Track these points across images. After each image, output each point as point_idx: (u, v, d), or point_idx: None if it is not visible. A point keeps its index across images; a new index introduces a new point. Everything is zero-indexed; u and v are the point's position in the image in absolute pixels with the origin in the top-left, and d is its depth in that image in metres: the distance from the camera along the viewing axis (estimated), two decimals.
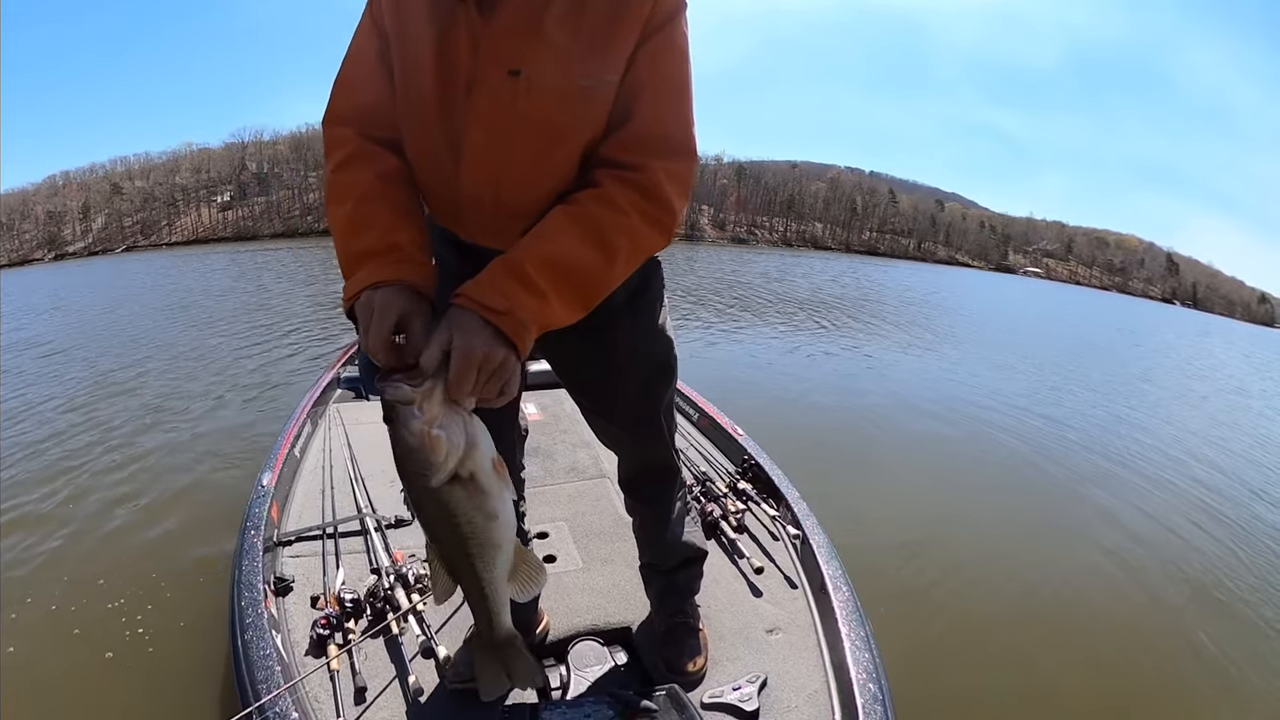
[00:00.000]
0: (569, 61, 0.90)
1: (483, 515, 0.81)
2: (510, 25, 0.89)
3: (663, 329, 1.30)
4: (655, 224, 0.94)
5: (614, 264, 0.91)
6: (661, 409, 1.38)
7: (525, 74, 0.90)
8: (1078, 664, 2.38)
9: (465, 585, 0.88)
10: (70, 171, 65.50)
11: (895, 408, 5.75)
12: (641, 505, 1.52)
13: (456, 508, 0.80)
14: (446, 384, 0.77)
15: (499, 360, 0.80)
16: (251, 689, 1.33)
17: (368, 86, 0.99)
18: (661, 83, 0.94)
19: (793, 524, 2.01)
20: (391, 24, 0.96)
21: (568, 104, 0.91)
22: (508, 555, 0.87)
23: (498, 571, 0.86)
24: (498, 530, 0.84)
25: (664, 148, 0.94)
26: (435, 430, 0.76)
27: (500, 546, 0.85)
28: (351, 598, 1.62)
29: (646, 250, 0.96)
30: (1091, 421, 6.09)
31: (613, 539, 2.02)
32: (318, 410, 3.07)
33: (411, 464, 0.77)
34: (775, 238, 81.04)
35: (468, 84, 0.92)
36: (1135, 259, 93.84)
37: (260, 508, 1.94)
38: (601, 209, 0.91)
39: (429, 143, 0.98)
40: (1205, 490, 4.48)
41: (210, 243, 57.50)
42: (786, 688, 1.45)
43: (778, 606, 1.73)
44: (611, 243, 0.90)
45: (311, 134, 70.03)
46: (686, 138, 0.96)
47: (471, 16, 0.89)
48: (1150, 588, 3.00)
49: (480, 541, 0.83)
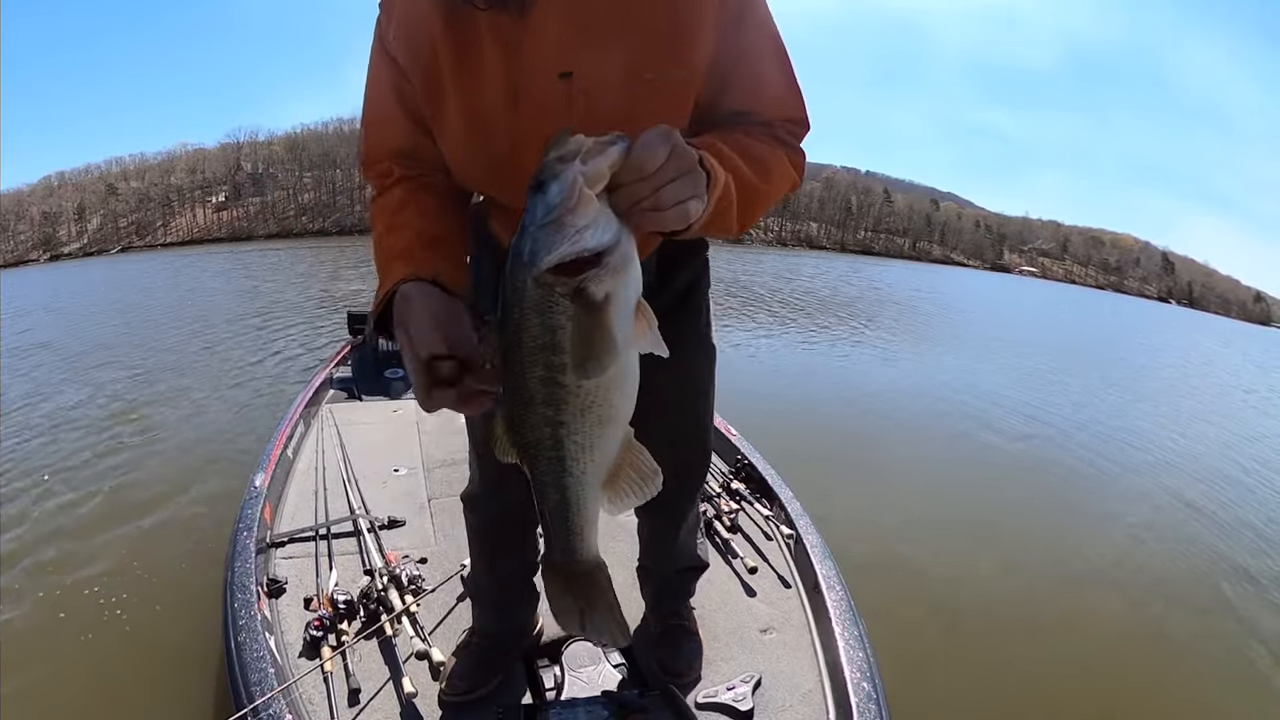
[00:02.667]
0: (628, 55, 0.80)
1: (589, 368, 0.57)
2: (551, 23, 0.80)
3: (709, 329, 1.25)
4: (794, 164, 0.88)
5: (769, 181, 0.81)
6: (709, 403, 1.32)
7: (577, 75, 0.81)
8: (1071, 663, 2.39)
9: (541, 474, 0.62)
10: (65, 172, 65.29)
11: (888, 407, 5.76)
12: (653, 512, 1.47)
13: (566, 340, 0.56)
14: (630, 150, 0.57)
15: (690, 163, 0.62)
16: (245, 691, 1.33)
17: (395, 129, 0.91)
18: (764, 55, 0.87)
19: (786, 524, 2.01)
20: (403, 51, 0.86)
21: (634, 101, 0.82)
22: (613, 442, 0.62)
23: (591, 462, 0.62)
24: (611, 400, 0.60)
25: (781, 112, 0.88)
26: (589, 189, 0.54)
27: (607, 426, 0.61)
28: (345, 599, 1.62)
29: (788, 184, 0.88)
30: (1087, 421, 6.12)
31: (607, 539, 2.01)
32: (311, 411, 3.06)
33: (538, 233, 0.54)
34: (770, 237, 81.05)
35: (511, 96, 0.83)
36: (1131, 258, 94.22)
37: (253, 509, 1.94)
38: (745, 136, 0.83)
39: (480, 170, 0.90)
40: (1203, 491, 4.50)
41: (205, 243, 57.27)
42: (781, 687, 1.46)
43: (772, 606, 1.73)
44: (764, 161, 0.81)
45: (307, 134, 70.06)
46: (801, 107, 0.90)
47: (500, 21, 0.80)
48: (1144, 587, 3.01)
49: (581, 407, 0.58)
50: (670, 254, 1.09)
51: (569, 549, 0.66)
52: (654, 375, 1.23)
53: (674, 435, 1.32)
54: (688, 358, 1.23)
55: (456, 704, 1.38)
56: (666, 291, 1.13)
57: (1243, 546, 3.62)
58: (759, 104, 0.87)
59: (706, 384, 1.29)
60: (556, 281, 0.54)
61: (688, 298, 1.19)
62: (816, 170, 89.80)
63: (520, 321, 0.56)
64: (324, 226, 64.71)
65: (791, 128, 0.89)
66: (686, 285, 1.17)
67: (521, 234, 0.56)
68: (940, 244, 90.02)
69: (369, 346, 3.97)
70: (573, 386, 0.57)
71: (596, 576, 0.69)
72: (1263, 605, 2.98)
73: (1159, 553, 3.39)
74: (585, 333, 0.55)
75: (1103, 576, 3.06)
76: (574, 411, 0.58)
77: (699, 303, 1.21)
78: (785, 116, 0.89)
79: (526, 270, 0.55)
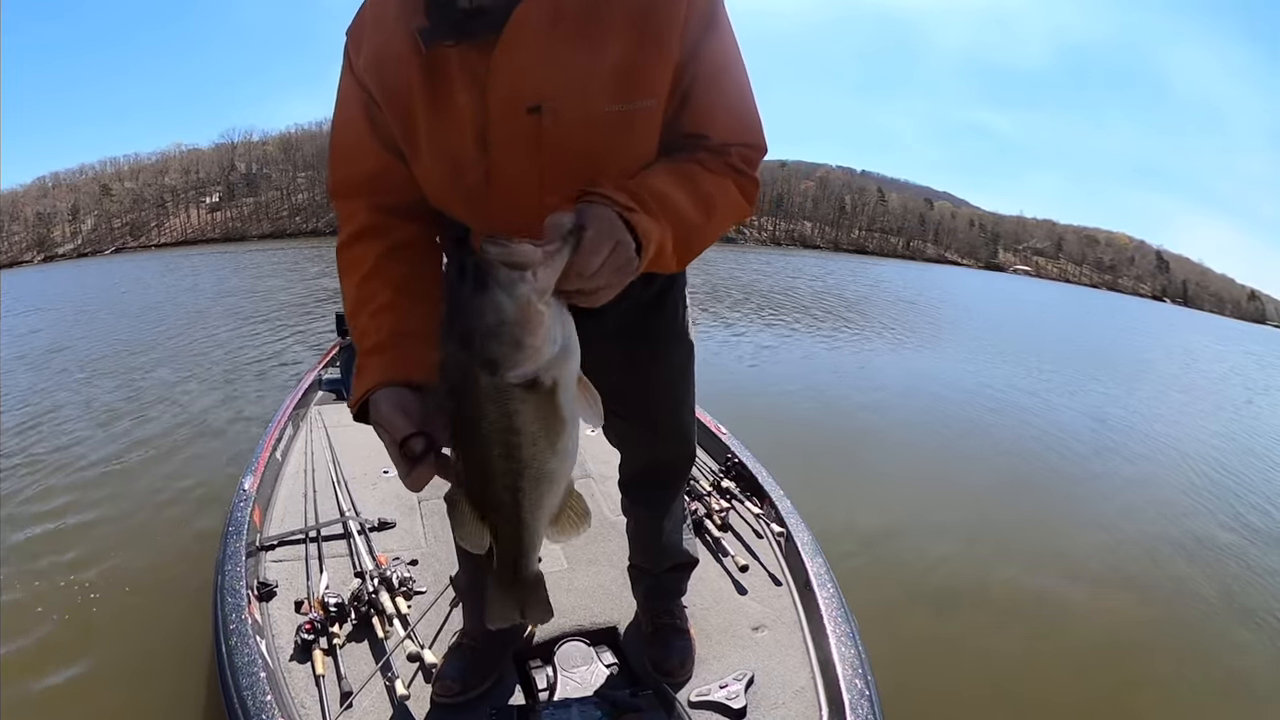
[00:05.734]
0: (596, 86, 0.81)
1: (548, 441, 0.65)
2: (519, 56, 0.79)
3: (686, 325, 1.26)
4: (744, 192, 0.89)
5: (711, 219, 0.84)
6: (687, 402, 1.33)
7: (546, 108, 0.81)
8: (1063, 659, 2.40)
9: (498, 524, 0.72)
10: (59, 173, 64.72)
11: (877, 405, 5.79)
12: (640, 508, 1.49)
13: (522, 424, 0.63)
14: (575, 255, 0.62)
15: (626, 255, 0.68)
16: (236, 695, 1.32)
17: (362, 154, 0.92)
18: (724, 79, 0.88)
19: (777, 521, 2.01)
20: (375, 86, 0.87)
21: (601, 131, 0.83)
22: (559, 495, 0.71)
23: (543, 512, 0.71)
24: (560, 464, 0.68)
25: (736, 136, 0.90)
26: (542, 305, 0.59)
27: (556, 484, 0.69)
28: (335, 602, 1.61)
29: (735, 215, 0.90)
30: (1081, 416, 6.14)
31: (597, 539, 2.02)
32: (299, 413, 3.05)
33: (493, 344, 0.59)
34: (764, 236, 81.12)
35: (482, 131, 0.83)
36: (1125, 257, 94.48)
37: (242, 512, 1.93)
38: (695, 166, 0.85)
39: (455, 201, 0.92)
40: (1198, 490, 4.52)
41: (199, 244, 57.07)
42: (773, 685, 1.46)
43: (763, 604, 1.73)
44: (710, 197, 0.84)
45: (301, 134, 69.69)
46: (758, 132, 0.92)
47: (470, 57, 0.80)
48: (1136, 583, 3.02)
49: (536, 474, 0.66)
50: None
51: (519, 568, 0.76)
52: (632, 374, 1.23)
53: (654, 432, 1.34)
54: (665, 355, 1.24)
55: (449, 705, 1.38)
56: (641, 291, 1.13)
57: (1240, 538, 3.65)
58: (714, 128, 0.88)
59: (685, 380, 1.30)
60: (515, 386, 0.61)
61: (663, 295, 1.19)
62: (810, 170, 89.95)
63: (476, 411, 0.62)
64: (317, 227, 64.37)
65: (746, 152, 0.90)
66: (662, 283, 1.17)
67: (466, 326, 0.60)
68: (934, 243, 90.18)
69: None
70: (529, 460, 0.65)
71: (535, 583, 0.79)
72: (1261, 595, 3.01)
73: (1154, 547, 3.41)
74: (540, 417, 0.63)
75: (1096, 571, 3.07)
76: (530, 479, 0.67)
77: (674, 300, 1.21)
78: (740, 141, 0.89)
79: (482, 370, 0.60)
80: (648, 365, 1.22)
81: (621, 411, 1.30)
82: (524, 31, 0.79)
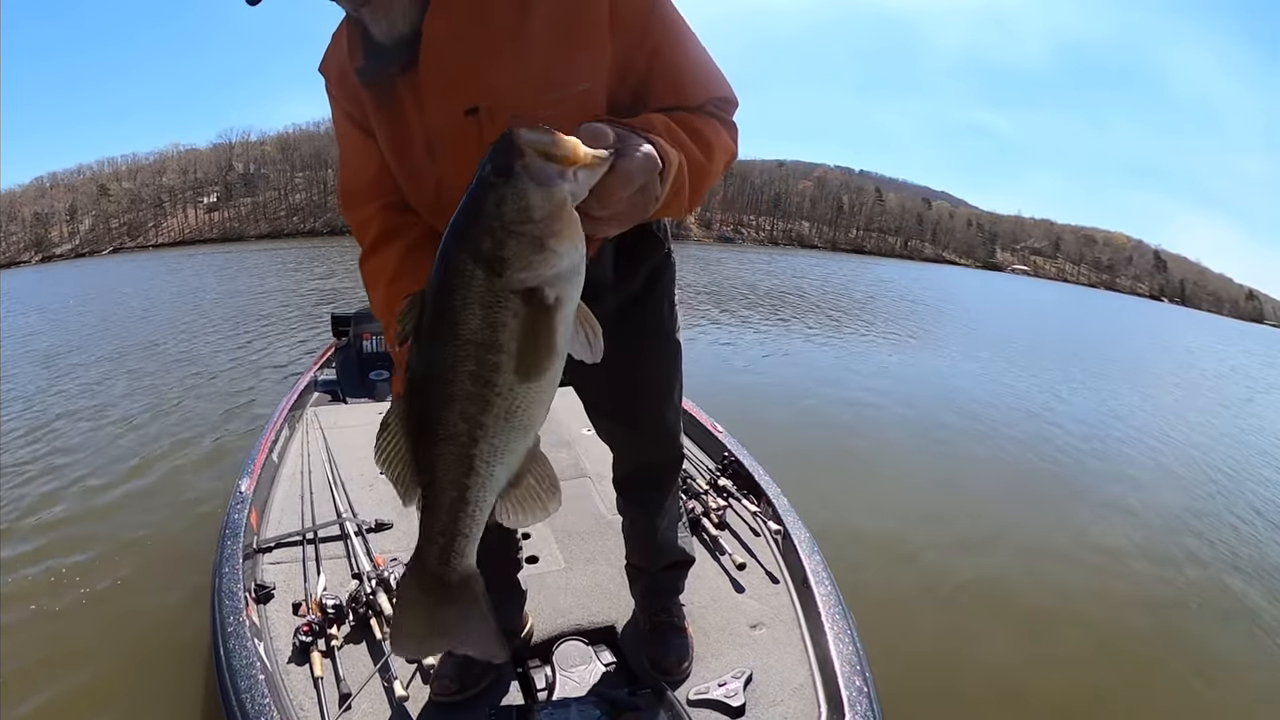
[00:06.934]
0: (527, 79, 0.85)
1: (529, 370, 0.55)
2: (448, 65, 0.85)
3: (673, 321, 1.27)
4: (730, 133, 0.92)
5: (711, 158, 0.86)
6: (672, 402, 1.34)
7: (483, 107, 0.86)
8: (1059, 656, 2.40)
9: (436, 479, 0.59)
10: (57, 173, 64.73)
11: (874, 403, 5.78)
12: (634, 507, 1.50)
13: (506, 340, 0.53)
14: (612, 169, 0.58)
15: (653, 193, 0.68)
16: (235, 698, 1.32)
17: (364, 159, 0.98)
18: (679, 51, 0.91)
19: (774, 519, 2.01)
20: (353, 109, 0.96)
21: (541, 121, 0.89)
22: (524, 449, 0.60)
23: (501, 464, 0.59)
24: (535, 406, 0.58)
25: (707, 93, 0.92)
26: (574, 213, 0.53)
27: (525, 432, 0.59)
28: (333, 603, 1.60)
29: (725, 156, 0.91)
30: (1078, 414, 6.15)
31: (595, 538, 2.02)
32: (295, 414, 3.04)
33: (510, 241, 0.51)
34: (761, 236, 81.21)
35: (428, 143, 0.89)
36: (1123, 256, 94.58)
37: (239, 514, 1.93)
38: (682, 114, 0.87)
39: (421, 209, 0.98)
40: (1200, 489, 4.52)
41: (196, 244, 56.95)
42: (772, 682, 1.46)
43: (761, 602, 1.73)
44: (702, 134, 0.85)
45: (299, 135, 69.63)
46: (726, 85, 0.94)
47: (412, 78, 0.86)
48: (1133, 581, 3.03)
49: (506, 409, 0.56)
50: (630, 248, 1.10)
51: (448, 553, 0.62)
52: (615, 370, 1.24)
53: (639, 432, 1.35)
54: (650, 353, 1.24)
55: (448, 704, 1.38)
56: (626, 286, 1.14)
57: (1243, 539, 3.65)
58: (683, 94, 0.90)
59: (671, 379, 1.30)
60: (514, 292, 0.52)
61: (648, 292, 1.19)
62: (808, 169, 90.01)
63: (460, 312, 0.53)
64: (315, 227, 64.35)
65: (720, 103, 0.93)
66: (647, 280, 1.18)
67: (478, 217, 0.52)
68: (932, 243, 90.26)
69: (353, 348, 3.90)
70: (504, 389, 0.55)
71: (471, 585, 0.66)
72: (1264, 596, 3.01)
73: (1153, 545, 3.41)
74: (532, 335, 0.53)
75: (1094, 568, 3.07)
76: (497, 414, 0.56)
77: (660, 298, 1.21)
78: (711, 96, 0.92)
79: (482, 265, 0.52)
80: (631, 363, 1.23)
81: (607, 409, 1.31)
82: (439, 44, 0.84)
